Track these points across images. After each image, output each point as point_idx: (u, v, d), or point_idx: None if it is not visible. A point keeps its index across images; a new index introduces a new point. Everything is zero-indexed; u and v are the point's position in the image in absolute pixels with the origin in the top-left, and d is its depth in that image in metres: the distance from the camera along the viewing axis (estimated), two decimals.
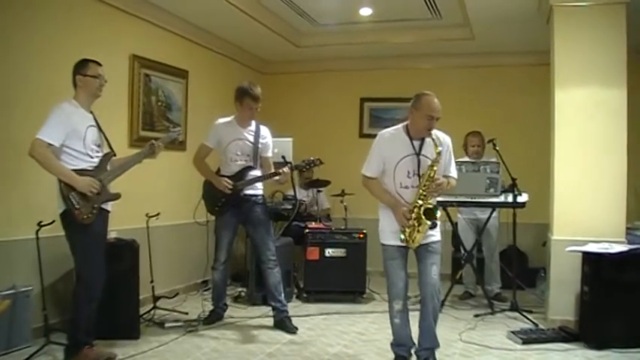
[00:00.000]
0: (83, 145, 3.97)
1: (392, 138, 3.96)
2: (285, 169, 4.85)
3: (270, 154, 5.13)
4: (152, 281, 5.30)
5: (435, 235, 3.96)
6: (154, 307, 5.30)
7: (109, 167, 4.14)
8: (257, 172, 5.02)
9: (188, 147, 6.26)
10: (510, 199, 5.56)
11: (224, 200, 4.96)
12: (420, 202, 3.83)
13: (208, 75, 6.99)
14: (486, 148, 6.06)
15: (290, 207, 6.36)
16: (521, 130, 7.30)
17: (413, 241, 3.85)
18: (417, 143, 3.92)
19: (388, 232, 3.97)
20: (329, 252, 6.15)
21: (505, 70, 7.56)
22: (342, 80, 8.18)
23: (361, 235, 6.19)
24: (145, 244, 5.17)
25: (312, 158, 5.11)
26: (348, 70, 8.14)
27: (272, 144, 5.17)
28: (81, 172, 3.93)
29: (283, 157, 5.51)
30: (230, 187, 4.90)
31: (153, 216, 5.33)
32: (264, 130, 5.09)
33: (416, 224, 3.81)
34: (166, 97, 6.23)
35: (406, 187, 3.91)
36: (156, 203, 5.61)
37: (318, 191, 7.11)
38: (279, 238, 6.14)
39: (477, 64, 7.66)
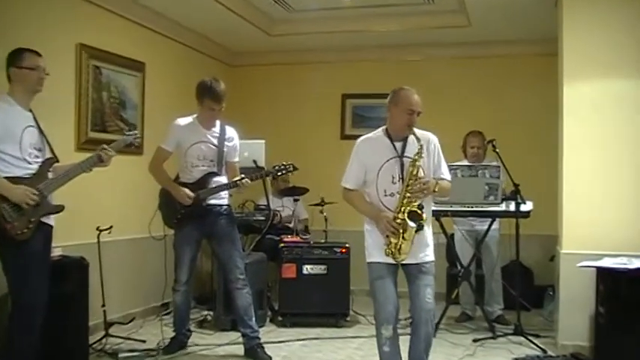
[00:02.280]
0: (19, 149, 3.88)
1: (371, 143, 4.01)
2: (245, 181, 4.86)
3: (236, 159, 5.12)
4: (104, 305, 5.25)
5: (429, 254, 3.96)
6: (106, 335, 5.25)
7: (50, 175, 4.04)
8: (222, 179, 5.01)
9: (145, 150, 6.20)
10: (513, 207, 5.55)
11: (184, 212, 4.94)
12: (405, 206, 3.84)
13: (168, 68, 6.97)
14: (488, 151, 6.07)
15: (262, 218, 6.34)
16: (525, 130, 7.34)
17: (399, 251, 3.83)
18: (399, 145, 3.95)
19: (374, 248, 3.97)
20: (307, 269, 6.15)
21: (506, 62, 7.58)
22: (321, 74, 8.19)
23: (344, 250, 6.19)
24: (95, 262, 5.14)
25: (285, 163, 5.11)
26: (327, 62, 8.15)
27: (240, 147, 5.17)
28: (16, 180, 3.83)
29: (255, 162, 5.55)
30: (190, 197, 4.86)
31: (104, 230, 5.27)
32: (231, 132, 5.08)
33: (401, 231, 3.82)
34: (120, 93, 6.19)
35: (391, 195, 3.93)
36: (108, 215, 5.56)
37: (295, 200, 7.09)
38: (250, 254, 6.13)
39: (474, 55, 7.68)
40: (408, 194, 3.83)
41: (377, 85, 7.65)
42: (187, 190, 4.88)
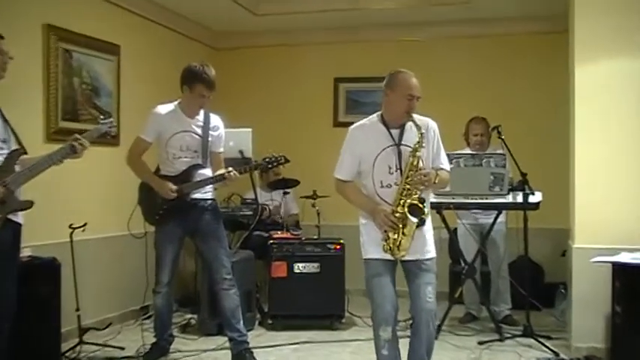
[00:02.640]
0: None
1: (365, 130, 4.01)
2: (232, 174, 4.86)
3: (221, 149, 5.11)
4: (78, 309, 5.24)
5: (430, 250, 3.98)
6: (80, 342, 5.23)
7: (17, 168, 3.97)
8: (207, 172, 5.00)
9: (122, 141, 6.20)
10: (520, 198, 5.55)
11: (166, 207, 4.92)
12: (404, 199, 3.85)
13: (146, 51, 6.94)
14: (492, 138, 6.10)
15: (250, 213, 6.36)
16: (533, 114, 7.34)
17: (399, 248, 3.83)
18: (395, 132, 3.95)
19: (371, 244, 3.98)
20: (299, 267, 6.17)
21: (511, 41, 7.57)
22: (311, 56, 8.20)
23: (338, 247, 6.21)
24: (68, 263, 5.13)
25: (275, 155, 5.08)
26: (319, 43, 8.16)
27: (225, 136, 5.15)
28: None
29: (241, 153, 5.60)
30: (174, 191, 4.83)
31: (78, 227, 5.26)
32: (216, 120, 5.07)
33: (400, 226, 3.82)
34: (93, 78, 6.16)
35: (388, 186, 3.93)
36: (82, 212, 5.55)
37: (285, 193, 7.08)
38: (237, 252, 6.12)
39: (477, 33, 7.68)
40: (408, 186, 3.84)
41: (372, 68, 7.69)
42: (170, 184, 4.86)
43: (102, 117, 4.59)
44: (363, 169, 3.98)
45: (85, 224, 5.26)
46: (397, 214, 3.82)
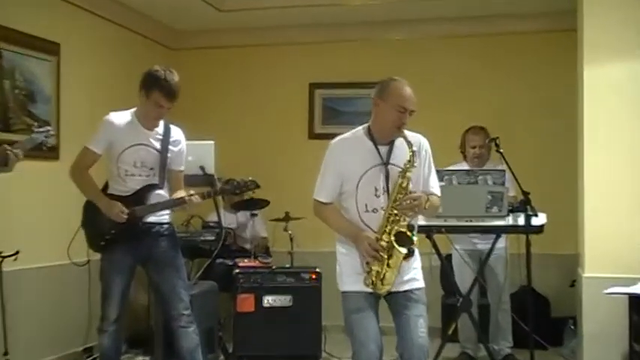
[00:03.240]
0: None
1: (349, 146, 4.03)
2: (194, 198, 4.81)
3: (182, 167, 5.06)
4: (6, 353, 5.21)
5: (418, 279, 4.01)
6: None
7: None
8: (163, 193, 4.94)
9: (62, 154, 6.19)
10: (521, 221, 5.53)
11: (114, 232, 4.82)
12: (390, 225, 3.87)
13: (91, 51, 6.91)
14: (493, 151, 6.06)
15: (213, 238, 6.35)
16: (536, 124, 7.40)
17: (382, 282, 3.85)
18: (384, 149, 3.99)
19: (350, 274, 3.99)
20: (268, 301, 6.19)
21: (512, 40, 7.64)
22: (283, 58, 8.24)
23: (314, 276, 6.24)
24: None
25: (244, 179, 5.03)
26: (291, 43, 8.20)
27: (186, 152, 5.13)
28: None
29: (202, 169, 5.51)
30: (126, 214, 4.75)
31: (9, 256, 5.24)
32: (177, 133, 5.02)
33: (385, 257, 3.83)
34: (27, 81, 6.14)
35: (374, 211, 3.96)
36: (13, 237, 5.51)
37: (252, 215, 7.08)
38: (198, 283, 6.13)
39: (472, 32, 7.74)
40: (395, 211, 3.85)
41: (353, 72, 7.89)
42: (120, 205, 4.77)
43: (37, 124, 4.52)
44: (345, 189, 4.00)
45: (17, 252, 5.23)
46: (383, 243, 3.82)
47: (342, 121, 7.72)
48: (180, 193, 4.86)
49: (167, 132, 4.92)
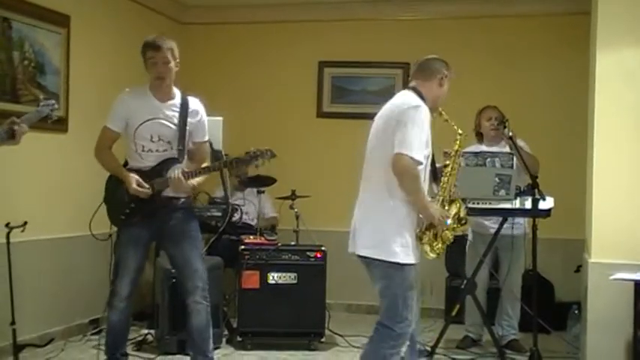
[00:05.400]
0: None
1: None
2: (175, 174, 4.76)
3: (206, 138, 5.09)
4: (13, 322, 5.20)
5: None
6: None
7: None
8: (182, 167, 4.92)
9: (71, 126, 6.19)
10: (529, 204, 5.56)
11: (134, 206, 4.83)
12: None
13: (101, 24, 6.90)
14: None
15: (219, 214, 6.33)
16: (545, 108, 7.40)
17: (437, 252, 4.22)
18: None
19: (417, 246, 4.15)
20: (273, 277, 6.17)
21: (522, 23, 7.62)
22: (293, 36, 8.23)
23: (319, 254, 6.21)
24: (3, 268, 5.14)
25: (257, 150, 4.92)
26: (301, 21, 8.18)
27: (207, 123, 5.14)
28: None
29: (210, 144, 5.42)
30: (148, 189, 4.77)
31: (17, 227, 5.23)
32: (195, 103, 5.02)
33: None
34: (37, 53, 6.12)
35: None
36: (22, 208, 5.54)
37: (259, 192, 7.06)
38: (203, 258, 5.91)
39: (482, 13, 7.71)
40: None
41: (362, 51, 7.88)
42: (138, 179, 4.77)
43: (43, 97, 4.52)
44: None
45: (24, 223, 5.22)
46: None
47: (350, 100, 7.75)
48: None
49: (185, 103, 4.93)
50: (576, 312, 6.19)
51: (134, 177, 4.77)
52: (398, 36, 7.59)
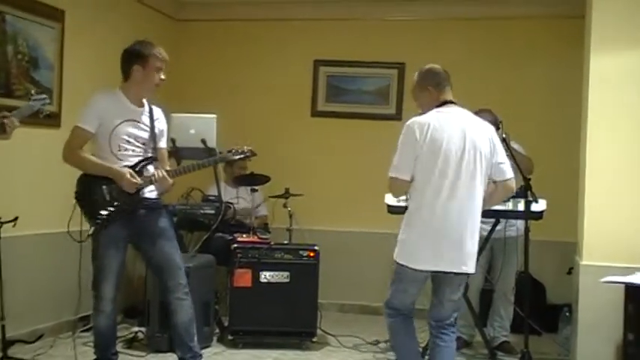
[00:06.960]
0: None
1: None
2: (159, 172, 4.80)
3: (165, 145, 5.13)
4: (2, 318, 5.22)
5: None
6: (5, 358, 5.21)
7: None
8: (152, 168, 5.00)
9: (63, 121, 6.18)
10: (521, 206, 5.56)
11: (117, 205, 4.79)
12: None
13: (96, 19, 6.89)
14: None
15: (212, 212, 6.38)
16: (539, 110, 7.42)
17: None
18: None
19: None
20: (265, 276, 6.17)
21: (518, 25, 7.63)
22: (289, 34, 8.22)
23: (312, 254, 6.22)
24: None
25: (239, 147, 5.07)
26: (297, 19, 8.17)
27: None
28: None
29: (203, 142, 5.53)
30: (140, 181, 4.78)
31: (7, 222, 5.24)
32: (158, 112, 5.08)
33: None
34: (31, 48, 6.12)
35: None
36: (13, 203, 5.52)
37: (253, 190, 7.05)
38: (195, 256, 6.17)
39: (479, 14, 7.71)
40: None
41: (358, 51, 7.87)
42: (131, 171, 4.76)
43: (34, 91, 4.51)
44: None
45: (15, 218, 5.23)
46: None
47: (345, 100, 7.73)
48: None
49: (151, 110, 4.98)
50: (567, 314, 6.16)
51: (125, 169, 4.76)
52: (394, 36, 7.58)
